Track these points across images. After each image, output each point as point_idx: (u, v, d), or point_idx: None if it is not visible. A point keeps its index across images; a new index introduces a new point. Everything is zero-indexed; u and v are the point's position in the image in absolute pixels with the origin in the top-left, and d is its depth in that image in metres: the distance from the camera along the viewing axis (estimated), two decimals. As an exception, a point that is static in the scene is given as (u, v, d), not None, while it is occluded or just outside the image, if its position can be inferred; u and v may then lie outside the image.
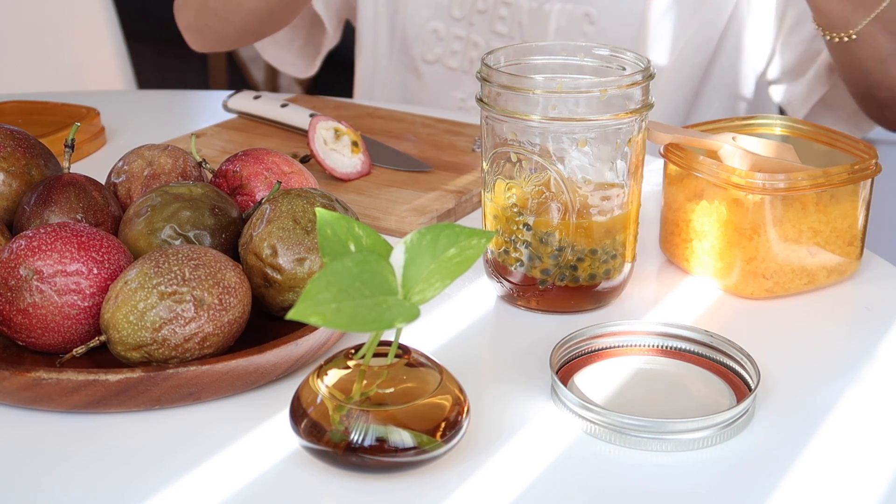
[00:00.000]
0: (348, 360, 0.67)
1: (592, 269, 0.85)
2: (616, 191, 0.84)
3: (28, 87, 1.60)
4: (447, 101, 1.40)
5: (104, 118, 1.25)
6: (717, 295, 0.90)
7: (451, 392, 0.67)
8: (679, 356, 0.79)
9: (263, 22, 1.29)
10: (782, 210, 0.86)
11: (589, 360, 0.78)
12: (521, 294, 0.87)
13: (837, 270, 0.90)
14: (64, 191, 0.84)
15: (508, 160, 0.84)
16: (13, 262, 0.75)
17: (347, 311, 0.61)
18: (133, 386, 0.72)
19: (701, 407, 0.74)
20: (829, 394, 0.77)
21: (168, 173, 0.90)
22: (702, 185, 0.89)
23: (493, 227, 0.86)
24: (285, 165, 0.90)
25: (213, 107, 1.35)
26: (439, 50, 1.38)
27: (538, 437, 0.72)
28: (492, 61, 0.85)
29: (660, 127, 0.91)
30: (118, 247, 0.78)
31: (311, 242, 0.79)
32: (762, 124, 0.98)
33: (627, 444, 0.70)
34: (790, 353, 0.82)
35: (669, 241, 0.93)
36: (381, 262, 0.63)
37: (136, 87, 1.87)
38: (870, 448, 0.72)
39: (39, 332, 0.75)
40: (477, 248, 0.65)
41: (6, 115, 1.24)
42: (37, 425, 0.72)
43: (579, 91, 0.81)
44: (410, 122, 1.24)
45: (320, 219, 0.65)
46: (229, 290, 0.75)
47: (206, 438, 0.71)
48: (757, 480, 0.68)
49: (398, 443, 0.65)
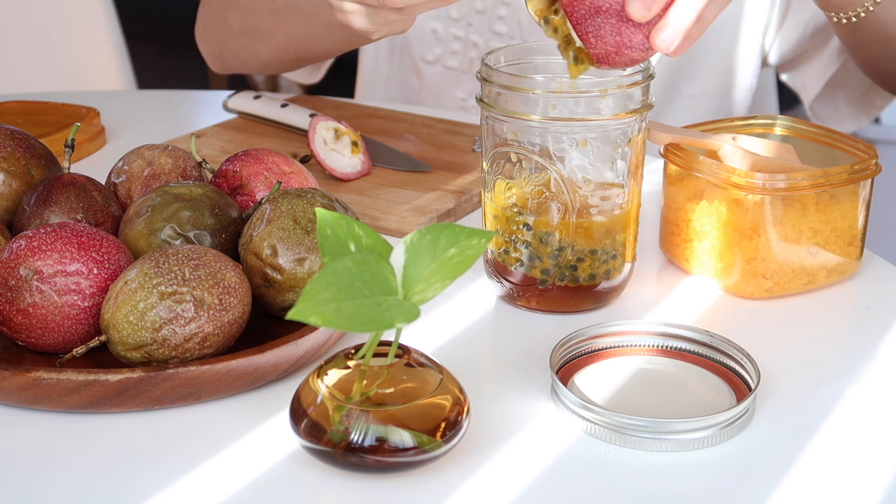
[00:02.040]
0: (348, 360, 0.67)
1: (592, 269, 0.85)
2: (616, 191, 0.84)
3: (28, 87, 1.60)
4: (448, 100, 1.40)
5: (104, 118, 1.25)
6: (717, 295, 0.90)
7: (451, 392, 0.67)
8: (679, 356, 0.79)
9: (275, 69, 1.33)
10: (782, 210, 0.86)
11: (589, 360, 0.78)
12: (521, 294, 0.87)
13: (837, 270, 0.90)
14: (64, 191, 0.84)
15: (508, 160, 0.84)
16: (13, 262, 0.75)
17: (347, 311, 0.60)
18: (133, 386, 0.72)
19: (701, 407, 0.74)
20: (829, 394, 0.77)
21: (168, 173, 0.90)
22: (702, 185, 0.89)
23: (493, 227, 0.86)
24: (285, 165, 0.90)
25: (213, 107, 1.35)
26: (438, 50, 1.38)
27: (538, 437, 0.72)
28: (492, 61, 0.85)
29: (660, 127, 0.91)
30: (118, 247, 0.78)
31: (311, 242, 0.79)
32: (762, 124, 0.98)
33: (627, 444, 0.70)
34: (790, 353, 0.82)
35: (669, 241, 0.93)
36: (381, 262, 0.63)
37: (136, 87, 1.87)
38: (870, 448, 0.72)
39: (39, 332, 0.75)
40: (477, 248, 0.65)
41: (6, 115, 1.24)
42: (37, 425, 0.72)
43: (579, 91, 0.81)
44: (410, 122, 1.24)
45: (320, 219, 0.65)
46: (229, 290, 0.75)
47: (206, 438, 0.71)
48: (757, 480, 0.68)
49: (398, 443, 0.65)
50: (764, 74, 1.47)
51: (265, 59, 1.30)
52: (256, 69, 1.35)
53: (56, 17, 1.79)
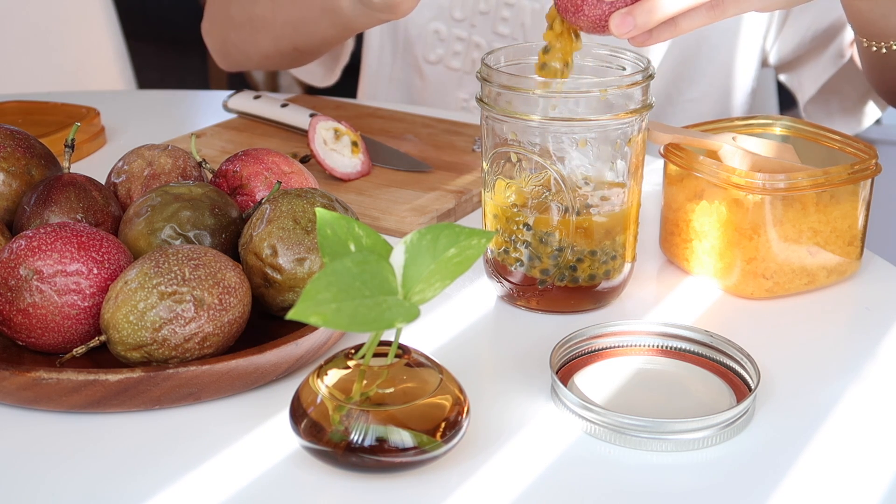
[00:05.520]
0: (348, 360, 0.67)
1: (592, 269, 0.85)
2: (616, 191, 0.84)
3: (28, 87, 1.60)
4: (450, 101, 1.40)
5: (104, 118, 1.25)
6: (717, 295, 0.90)
7: (451, 392, 0.67)
8: (679, 356, 0.79)
9: (276, 63, 1.32)
10: (782, 210, 0.86)
11: (589, 360, 0.78)
12: (521, 294, 0.87)
13: (837, 270, 0.90)
14: (64, 191, 0.84)
15: (508, 160, 0.84)
16: (13, 262, 0.75)
17: (347, 311, 0.60)
18: (133, 386, 0.72)
19: (701, 407, 0.74)
20: (829, 394, 0.77)
21: (168, 173, 0.90)
22: (702, 185, 0.89)
23: (493, 227, 0.86)
24: (285, 165, 0.90)
25: (213, 107, 1.35)
26: (441, 51, 1.38)
27: (538, 437, 0.72)
28: (492, 61, 0.85)
29: (660, 127, 0.91)
30: (118, 247, 0.78)
31: (311, 242, 0.79)
32: (762, 124, 0.98)
33: (627, 444, 0.70)
34: (790, 353, 0.82)
35: (669, 241, 0.93)
36: (381, 262, 0.63)
37: (136, 87, 1.87)
38: (870, 448, 0.72)
39: (39, 332, 0.75)
40: (477, 248, 0.65)
41: (6, 115, 1.24)
42: (37, 425, 0.72)
43: (579, 91, 0.81)
44: (410, 122, 1.24)
45: (320, 219, 0.65)
46: (229, 290, 0.75)
47: (206, 438, 0.71)
48: (757, 480, 0.68)
49: (398, 443, 0.65)
50: (763, 75, 1.47)
51: (266, 51, 1.29)
52: (258, 62, 1.34)
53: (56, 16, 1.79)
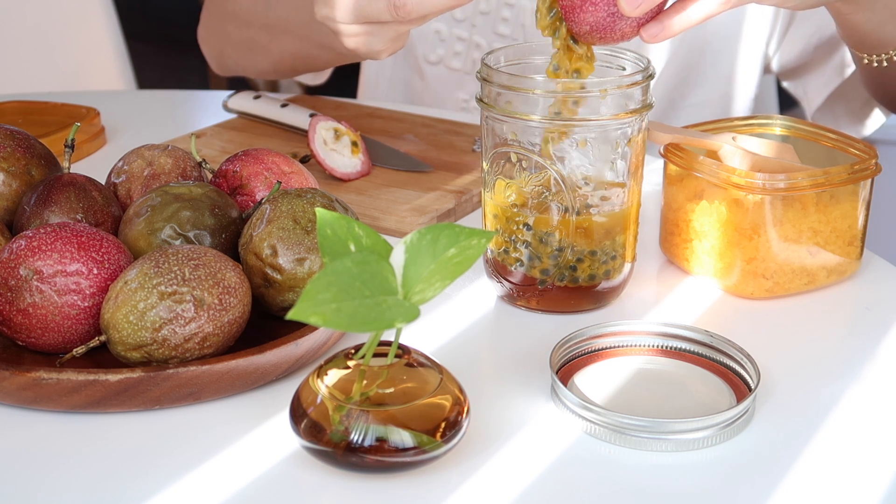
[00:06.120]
0: (348, 360, 0.67)
1: (592, 269, 0.85)
2: (616, 191, 0.84)
3: (28, 87, 1.60)
4: (451, 101, 1.40)
5: (104, 118, 1.25)
6: (717, 295, 0.90)
7: (451, 392, 0.67)
8: (679, 356, 0.79)
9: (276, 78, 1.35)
10: (782, 210, 0.86)
11: (589, 360, 0.78)
12: (521, 294, 0.87)
13: (837, 270, 0.90)
14: (64, 191, 0.84)
15: (508, 160, 0.84)
16: (13, 262, 0.75)
17: (347, 311, 0.60)
18: (133, 386, 0.72)
19: (701, 407, 0.74)
20: (829, 394, 0.77)
21: (168, 173, 0.90)
22: (702, 185, 0.89)
23: (493, 227, 0.86)
24: (285, 165, 0.90)
25: (213, 107, 1.35)
26: (441, 51, 1.38)
27: (538, 437, 0.72)
28: (492, 61, 0.85)
29: (660, 127, 0.91)
30: (118, 247, 0.78)
31: (311, 242, 0.79)
32: (762, 124, 0.98)
33: (627, 444, 0.70)
34: (790, 353, 0.82)
35: (669, 241, 0.93)
36: (381, 262, 0.63)
37: (136, 87, 1.87)
38: (870, 448, 0.72)
39: (39, 332, 0.75)
40: (477, 248, 0.65)
41: (6, 115, 1.24)
42: (37, 425, 0.72)
43: (579, 91, 0.81)
44: (410, 122, 1.24)
45: (320, 219, 0.65)
46: (229, 290, 0.75)
47: (206, 438, 0.71)
48: (757, 480, 0.68)
49: (398, 443, 0.65)
50: (765, 81, 1.47)
51: (263, 69, 1.31)
52: (256, 76, 1.36)
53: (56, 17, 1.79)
